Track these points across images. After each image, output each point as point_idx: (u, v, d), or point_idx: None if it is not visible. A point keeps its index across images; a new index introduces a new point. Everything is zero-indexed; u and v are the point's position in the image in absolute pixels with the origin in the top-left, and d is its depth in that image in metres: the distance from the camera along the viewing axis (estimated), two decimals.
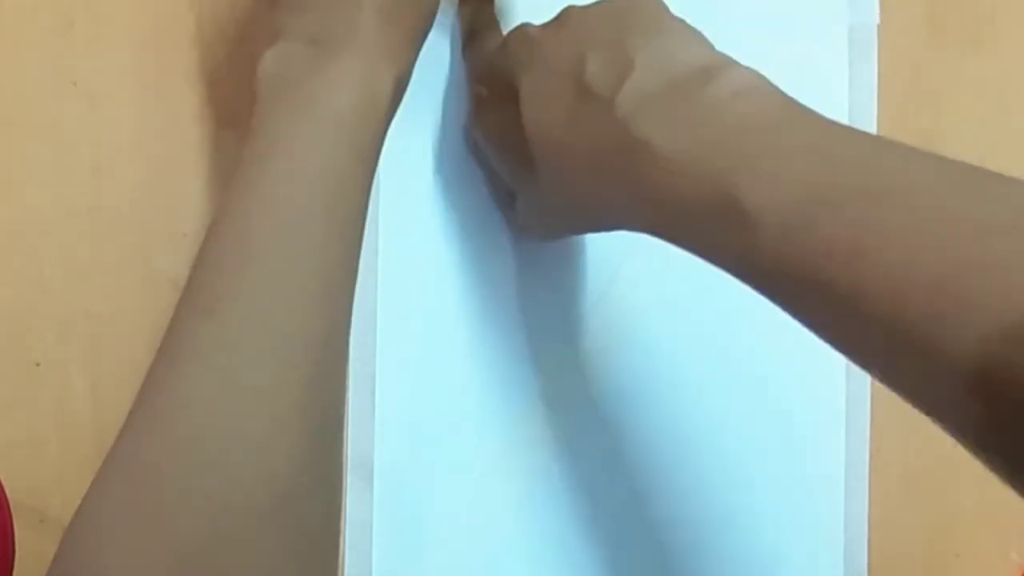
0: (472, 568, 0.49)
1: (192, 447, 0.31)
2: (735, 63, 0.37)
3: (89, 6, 0.48)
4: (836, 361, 0.50)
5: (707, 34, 0.40)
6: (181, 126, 0.48)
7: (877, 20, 0.50)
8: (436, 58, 0.49)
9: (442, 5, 0.44)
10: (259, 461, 0.32)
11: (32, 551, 0.46)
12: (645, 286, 0.50)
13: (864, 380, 0.50)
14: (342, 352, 0.37)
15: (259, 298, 0.34)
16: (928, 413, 0.32)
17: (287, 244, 0.35)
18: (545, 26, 0.42)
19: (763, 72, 0.40)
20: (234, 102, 0.47)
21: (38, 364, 0.47)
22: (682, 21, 0.40)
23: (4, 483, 0.46)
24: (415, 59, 0.41)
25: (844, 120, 0.50)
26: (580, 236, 0.50)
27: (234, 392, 0.32)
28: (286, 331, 0.34)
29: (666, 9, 0.40)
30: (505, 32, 0.45)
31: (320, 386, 0.34)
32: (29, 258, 0.47)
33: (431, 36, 0.43)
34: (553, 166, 0.40)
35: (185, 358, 0.33)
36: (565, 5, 0.42)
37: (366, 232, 0.48)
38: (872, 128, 0.50)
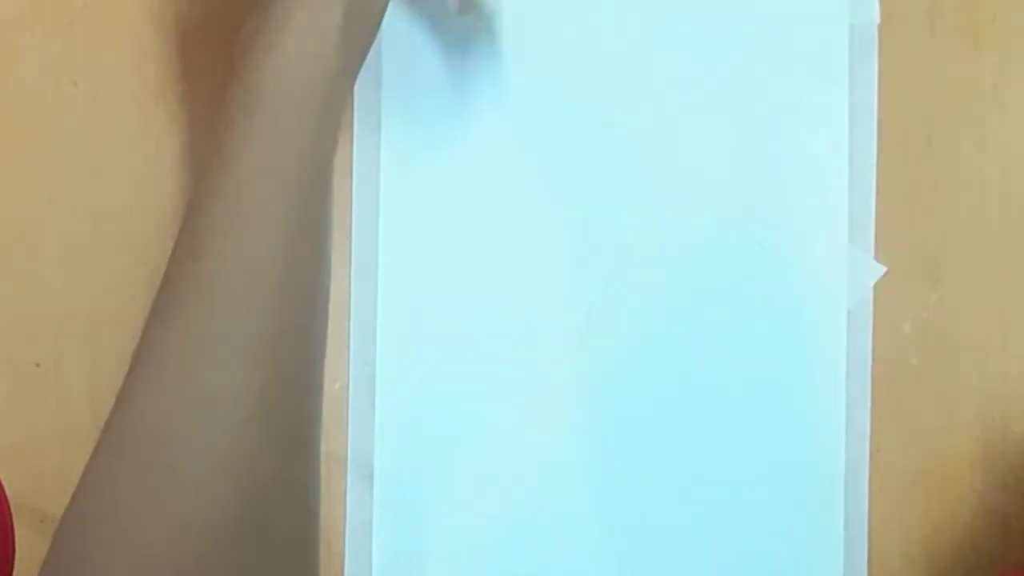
0: (472, 568, 0.49)
1: (151, 462, 0.30)
2: None
3: (89, 6, 0.48)
4: (836, 361, 0.50)
5: (707, 33, 0.40)
6: (181, 126, 0.48)
7: (877, 20, 0.50)
8: (434, 59, 0.49)
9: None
10: (222, 473, 0.30)
11: (32, 551, 0.46)
12: (645, 287, 0.50)
13: (864, 380, 0.50)
14: (310, 350, 0.34)
15: (210, 297, 0.32)
16: None
17: (236, 238, 0.32)
18: None
19: (763, 71, 0.40)
20: None
21: (38, 365, 0.47)
22: None
23: (4, 483, 0.46)
24: None
25: (844, 119, 0.50)
26: (579, 238, 0.49)
27: (189, 399, 0.30)
28: (241, 329, 0.31)
29: None
30: None
31: (285, 387, 0.32)
32: (29, 258, 0.47)
33: (428, 41, 0.42)
34: None
35: (144, 364, 0.32)
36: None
37: (366, 233, 0.49)
38: (872, 128, 0.50)
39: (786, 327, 0.50)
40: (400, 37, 0.49)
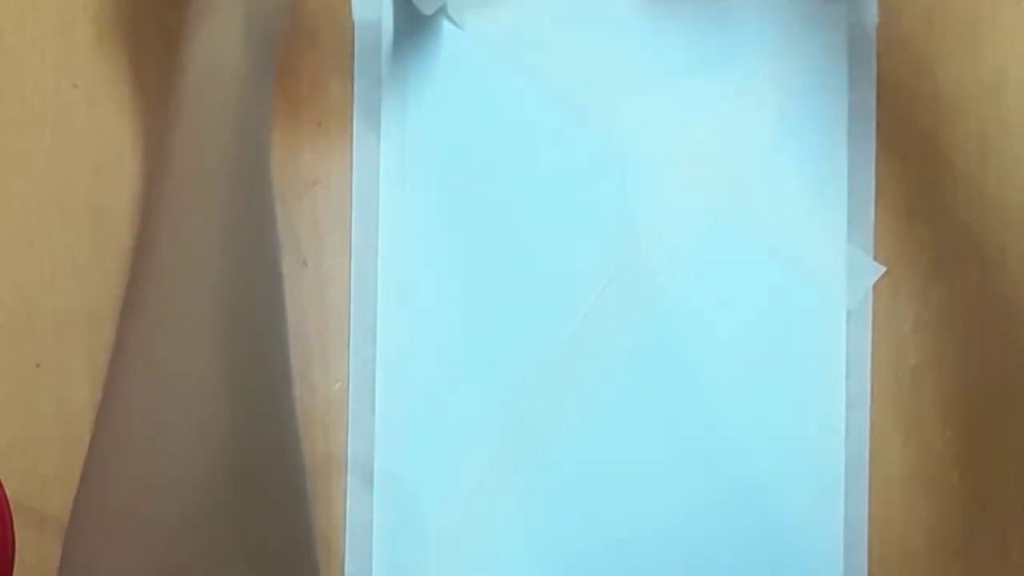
0: (472, 568, 0.49)
1: (138, 442, 0.33)
2: None
3: (89, 6, 0.48)
4: (836, 362, 0.50)
5: (707, 35, 0.40)
6: None
7: (877, 20, 0.50)
8: (433, 60, 0.49)
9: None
10: (200, 441, 0.33)
11: (32, 551, 0.46)
12: (644, 287, 0.50)
13: (864, 380, 0.50)
14: (267, 320, 0.37)
15: (167, 291, 0.35)
16: None
17: (181, 236, 0.36)
18: None
19: (763, 72, 0.40)
20: None
21: (38, 365, 0.47)
22: None
23: (4, 483, 0.47)
24: None
25: (844, 120, 0.50)
26: (579, 238, 0.50)
27: (162, 382, 0.34)
28: (197, 314, 0.35)
29: None
30: None
31: (249, 356, 0.35)
32: (29, 258, 0.47)
33: (429, 44, 0.42)
34: None
35: (119, 356, 0.35)
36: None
37: (366, 233, 0.49)
38: (872, 128, 0.50)
39: (786, 327, 0.50)
40: (399, 37, 0.49)
